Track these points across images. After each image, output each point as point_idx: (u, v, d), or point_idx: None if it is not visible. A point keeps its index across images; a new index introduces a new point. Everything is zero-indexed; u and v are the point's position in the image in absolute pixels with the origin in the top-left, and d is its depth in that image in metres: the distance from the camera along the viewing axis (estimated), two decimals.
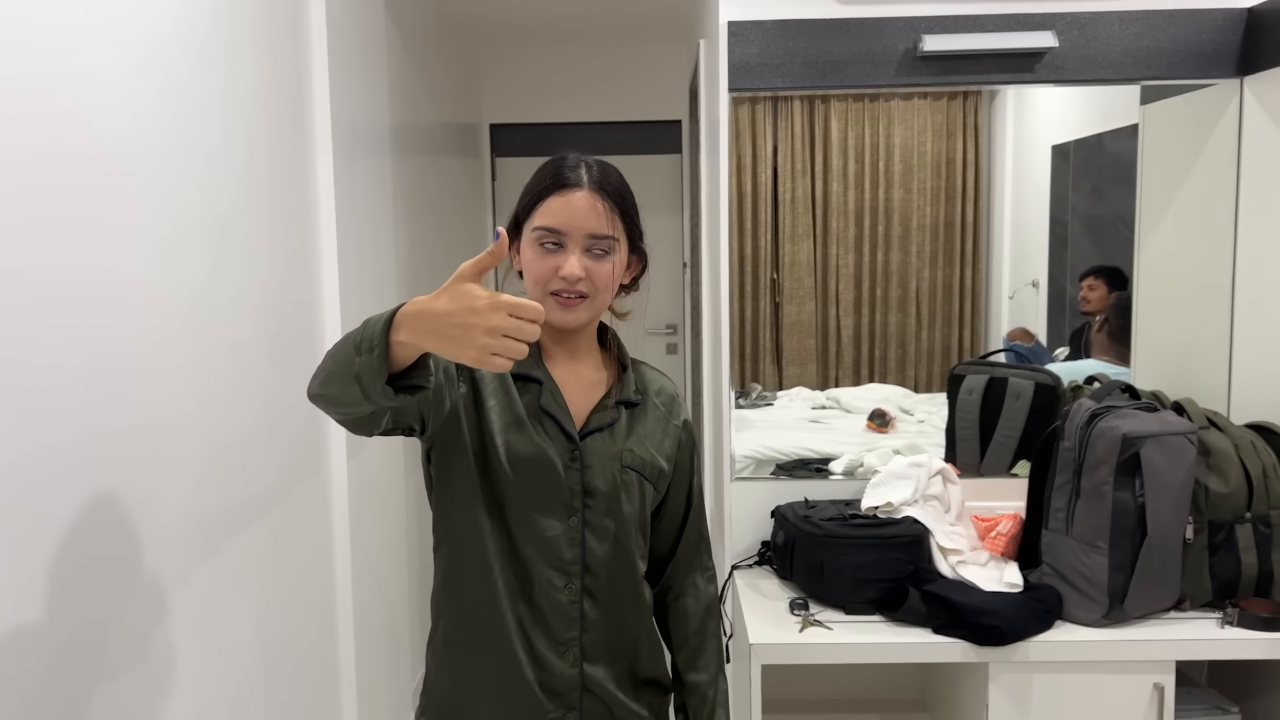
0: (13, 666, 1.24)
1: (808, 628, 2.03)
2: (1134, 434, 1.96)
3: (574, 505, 1.39)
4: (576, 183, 1.36)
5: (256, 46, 2.01)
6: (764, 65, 2.35)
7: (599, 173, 1.39)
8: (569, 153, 1.42)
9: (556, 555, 1.39)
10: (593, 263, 1.37)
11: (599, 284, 1.37)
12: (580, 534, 1.40)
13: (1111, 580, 1.98)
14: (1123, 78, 2.35)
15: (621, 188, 1.41)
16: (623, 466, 1.42)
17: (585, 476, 1.40)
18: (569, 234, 1.35)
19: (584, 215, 1.35)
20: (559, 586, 1.39)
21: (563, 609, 1.39)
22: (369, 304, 2.63)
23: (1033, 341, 2.75)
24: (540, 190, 1.38)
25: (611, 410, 1.44)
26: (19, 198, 1.26)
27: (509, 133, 4.98)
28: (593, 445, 1.41)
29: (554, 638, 1.39)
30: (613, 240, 1.38)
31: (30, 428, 1.28)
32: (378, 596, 2.71)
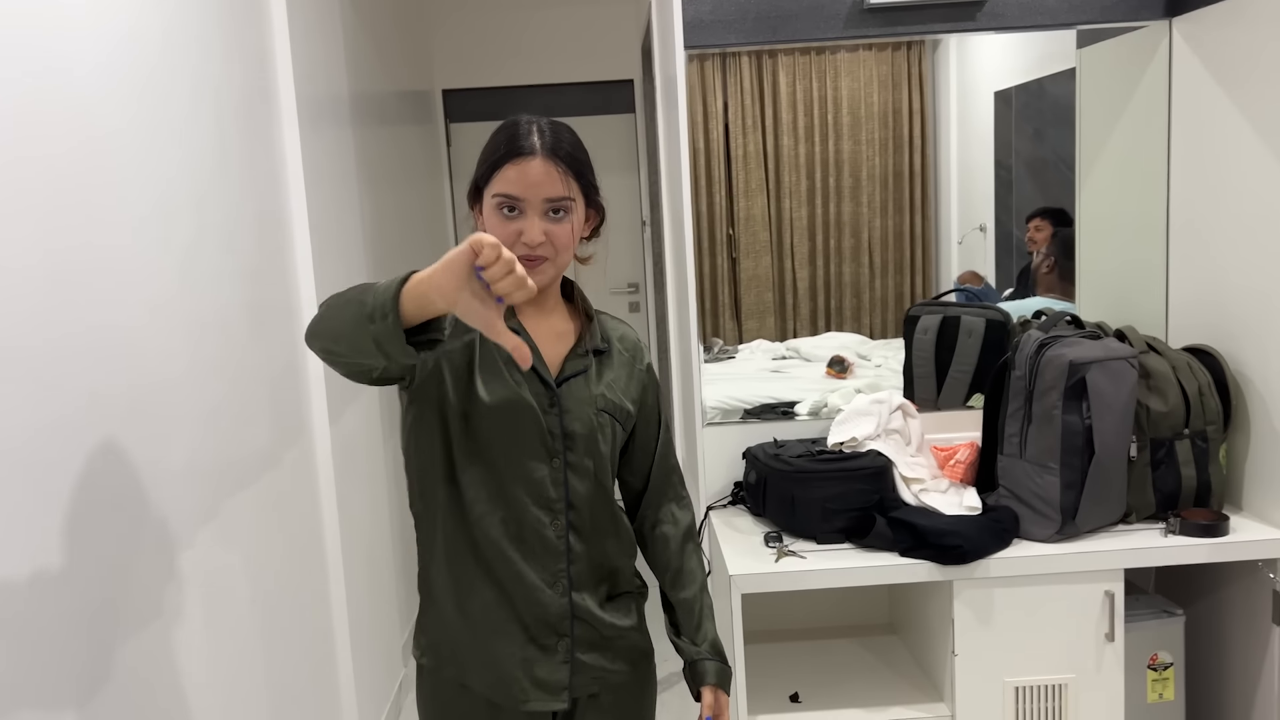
0: (32, 633, 1.31)
1: (783, 558, 2.14)
2: (1080, 360, 2.09)
3: (555, 448, 1.49)
4: (530, 150, 1.42)
5: (221, 21, 2.04)
6: (717, 22, 2.42)
7: (551, 137, 1.45)
8: (521, 116, 1.48)
9: (543, 495, 1.48)
10: (552, 225, 1.43)
11: (559, 244, 1.45)
12: (564, 474, 1.50)
13: (1063, 498, 2.11)
14: (1059, 23, 2.46)
15: (574, 149, 1.48)
16: (598, 410, 1.52)
17: (564, 421, 1.49)
18: (526, 200, 1.42)
19: (539, 181, 1.42)
20: (546, 523, 1.49)
21: (550, 544, 1.49)
22: (341, 272, 2.68)
23: (982, 284, 2.86)
24: (496, 159, 1.44)
25: (584, 358, 1.53)
26: (9, 184, 1.31)
27: (462, 98, 4.99)
28: (569, 391, 1.50)
29: (544, 570, 1.49)
30: (569, 201, 1.45)
31: (36, 400, 1.34)
32: (363, 556, 2.79)
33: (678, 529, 1.67)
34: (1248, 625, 2.24)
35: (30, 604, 1.29)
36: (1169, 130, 2.48)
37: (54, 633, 1.33)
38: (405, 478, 1.56)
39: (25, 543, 1.29)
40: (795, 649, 2.55)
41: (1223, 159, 2.28)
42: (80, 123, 1.48)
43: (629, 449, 1.63)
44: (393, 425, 3.33)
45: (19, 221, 1.31)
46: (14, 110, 1.32)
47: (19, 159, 1.32)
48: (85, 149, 1.48)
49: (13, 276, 1.29)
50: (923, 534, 2.10)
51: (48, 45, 1.40)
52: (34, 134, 1.36)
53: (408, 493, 1.57)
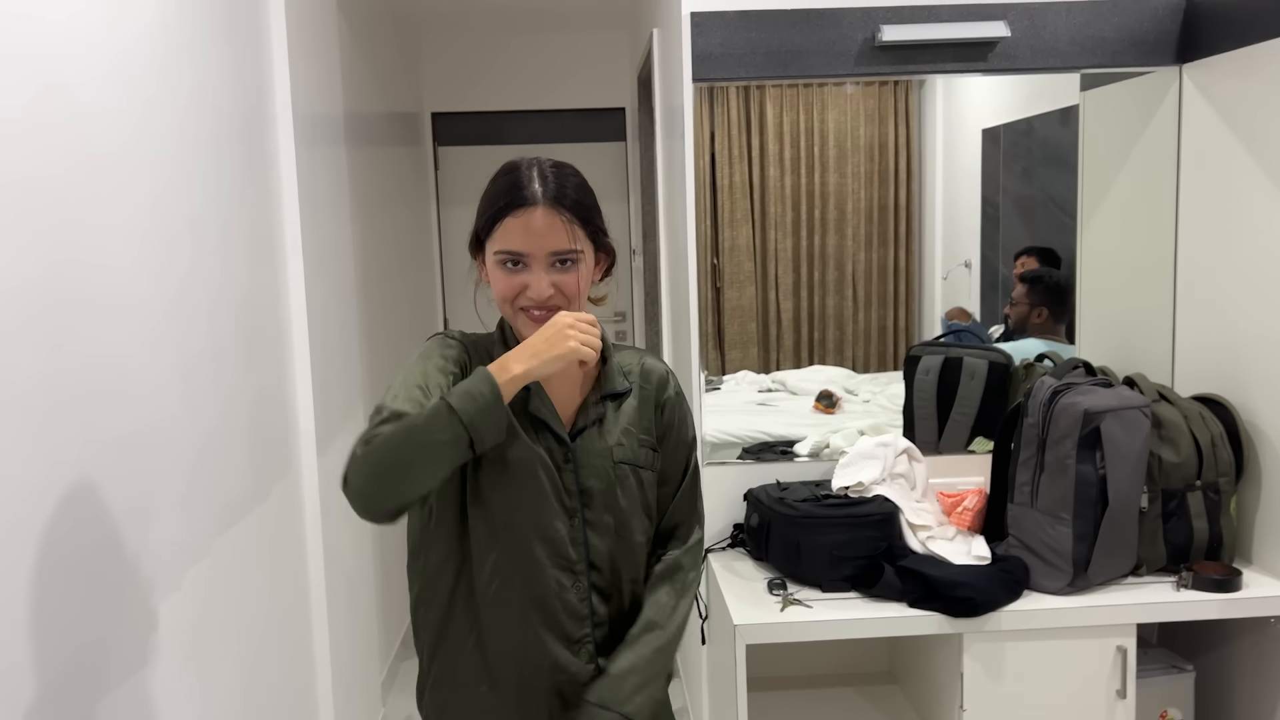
0: (18, 679, 1.22)
1: (788, 606, 2.08)
2: (1095, 409, 2.05)
3: (573, 506, 1.40)
4: (532, 200, 1.34)
5: (219, 43, 1.97)
6: (727, 55, 2.38)
7: (555, 183, 1.36)
8: (521, 160, 1.39)
9: (563, 556, 1.39)
10: (559, 276, 1.36)
11: (569, 294, 1.37)
12: (583, 533, 1.40)
13: (1075, 549, 2.07)
14: (1070, 66, 2.44)
15: (579, 193, 1.39)
16: (615, 463, 1.42)
17: (580, 476, 1.40)
18: (531, 254, 1.34)
19: (543, 234, 1.33)
20: (567, 586, 1.40)
21: (573, 608, 1.40)
22: (331, 299, 2.60)
23: (970, 320, 2.84)
24: (495, 210, 1.36)
25: (597, 406, 1.44)
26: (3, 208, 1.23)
27: (451, 121, 4.92)
28: (583, 444, 1.41)
29: (568, 638, 1.40)
30: (577, 253, 1.37)
31: (26, 437, 1.25)
32: (346, 593, 2.69)
33: (665, 569, 1.48)
34: (1259, 682, 2.20)
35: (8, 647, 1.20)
36: (1178, 175, 2.46)
37: (33, 677, 1.24)
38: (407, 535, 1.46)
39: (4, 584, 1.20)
40: (792, 698, 2.48)
41: (1232, 205, 2.26)
42: (74, 142, 1.40)
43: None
44: None
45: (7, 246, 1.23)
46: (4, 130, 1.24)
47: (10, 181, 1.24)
48: (81, 170, 1.41)
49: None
50: (933, 584, 2.04)
51: (41, 61, 1.33)
52: (25, 154, 1.28)
53: (408, 554, 1.47)
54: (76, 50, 1.41)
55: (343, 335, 2.73)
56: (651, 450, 1.47)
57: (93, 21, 1.46)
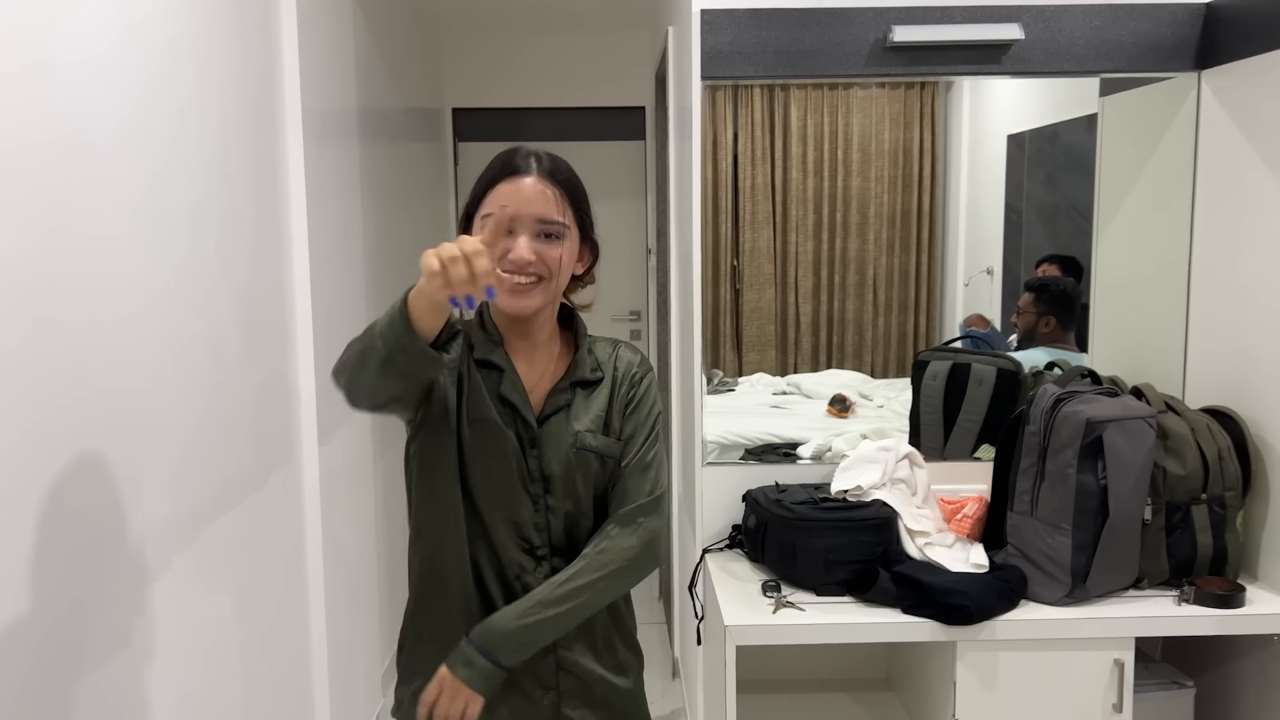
0: None
1: (781, 609, 2.06)
2: (1097, 418, 2.01)
3: (535, 491, 1.42)
4: (525, 170, 1.37)
5: (228, 33, 1.98)
6: (736, 54, 2.36)
7: (549, 163, 1.39)
8: (521, 144, 1.42)
9: (525, 539, 1.42)
10: (543, 246, 1.37)
11: (551, 266, 1.37)
12: (545, 518, 1.43)
13: (1074, 560, 2.04)
14: (1085, 70, 2.41)
15: (572, 178, 1.42)
16: (577, 449, 1.43)
17: (543, 461, 1.42)
18: (518, 218, 1.35)
19: (532, 200, 1.35)
20: (529, 569, 1.42)
21: (531, 590, 1.41)
22: (339, 291, 2.61)
23: (988, 327, 2.81)
24: (489, 179, 1.39)
25: (566, 392, 1.45)
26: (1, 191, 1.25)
27: (471, 117, 4.94)
28: (549, 429, 1.43)
29: None
30: (563, 226, 1.38)
31: (7, 418, 1.26)
32: (347, 582, 2.70)
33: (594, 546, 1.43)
34: (1261, 700, 2.16)
35: None
36: (1194, 183, 2.42)
37: (8, 664, 1.25)
38: (405, 511, 1.50)
39: None
40: (786, 702, 2.46)
41: (1249, 215, 2.22)
42: (68, 121, 1.41)
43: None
44: (384, 447, 3.25)
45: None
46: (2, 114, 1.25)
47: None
48: (73, 151, 1.42)
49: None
50: (928, 591, 2.02)
51: (35, 37, 1.34)
52: (16, 132, 1.29)
53: (409, 532, 1.50)
54: (73, 28, 1.42)
55: (350, 326, 2.74)
56: (614, 440, 1.47)
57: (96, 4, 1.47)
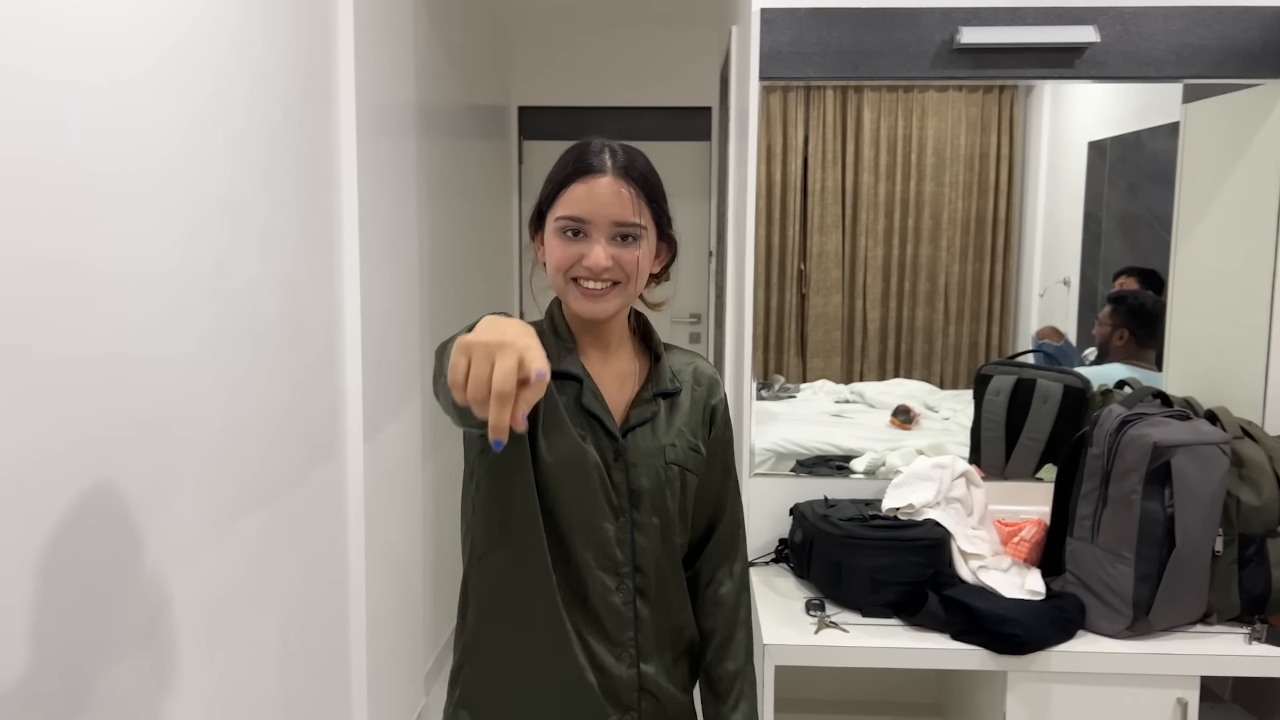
0: (24, 646, 1.24)
1: (823, 629, 1.99)
2: (1165, 443, 1.91)
3: (621, 505, 1.36)
4: (600, 168, 1.30)
5: (281, 23, 1.98)
6: (796, 54, 2.30)
7: (624, 158, 1.32)
8: (593, 138, 1.35)
9: (609, 557, 1.35)
10: (620, 250, 1.30)
11: (628, 271, 1.31)
12: (630, 534, 1.36)
13: (1137, 591, 1.93)
14: (1165, 75, 2.29)
15: (648, 173, 1.34)
16: (666, 463, 1.38)
17: (630, 476, 1.36)
18: (593, 222, 1.29)
19: (608, 202, 1.29)
20: (612, 589, 1.36)
21: (617, 611, 1.37)
22: (389, 287, 2.61)
23: (1062, 340, 2.70)
24: (563, 177, 1.32)
25: (651, 404, 1.39)
26: (40, 173, 1.25)
27: (537, 115, 4.94)
28: (635, 442, 1.37)
29: (610, 640, 1.37)
30: (639, 227, 1.31)
31: (47, 408, 1.27)
32: (391, 581, 2.70)
33: (734, 595, 1.48)
34: None
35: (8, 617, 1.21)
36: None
37: (30, 649, 1.25)
38: (460, 535, 1.43)
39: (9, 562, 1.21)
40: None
41: None
42: (110, 106, 1.41)
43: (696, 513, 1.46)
44: (434, 446, 3.25)
45: (35, 216, 1.24)
46: (40, 97, 1.25)
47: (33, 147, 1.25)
48: (115, 138, 1.42)
49: (17, 276, 1.22)
50: (978, 617, 1.93)
51: (80, 20, 1.34)
52: (56, 115, 1.29)
53: (463, 555, 1.43)
54: (122, 10, 1.43)
55: (402, 324, 2.74)
56: (697, 454, 1.42)
57: None
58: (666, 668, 1.43)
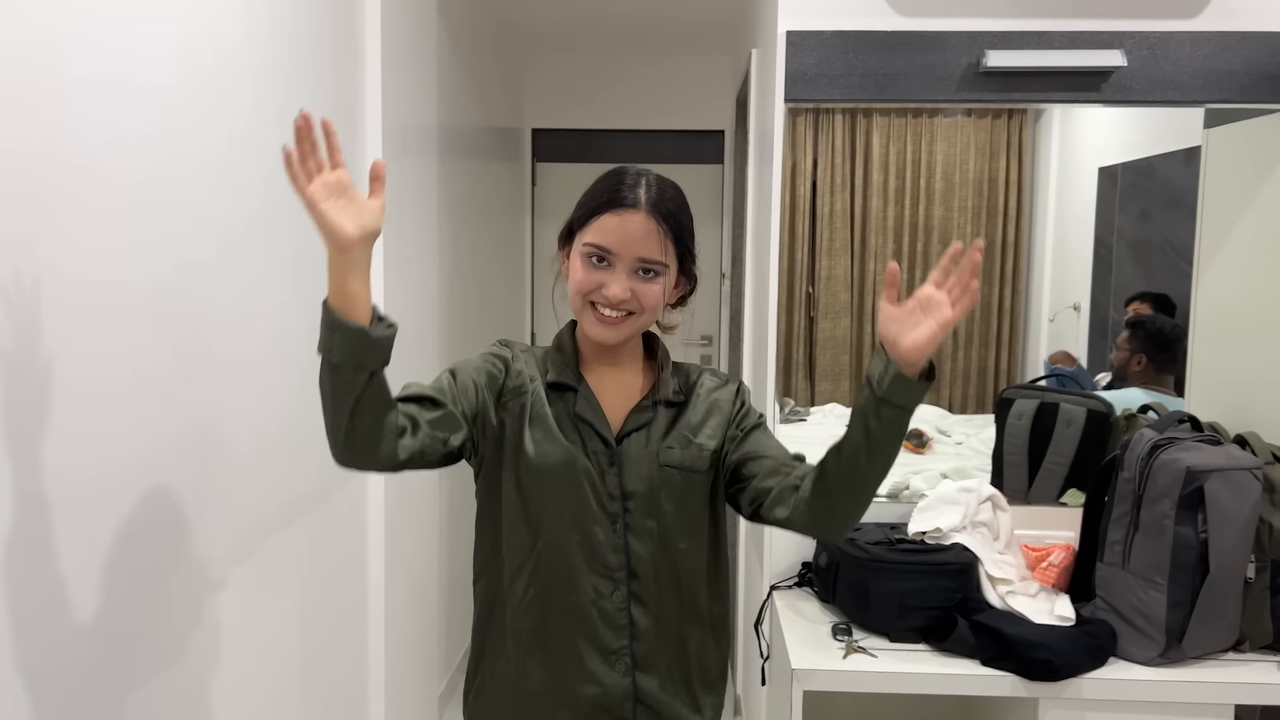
0: (56, 663, 1.22)
1: (851, 654, 1.97)
2: (1198, 467, 1.89)
3: (614, 510, 1.37)
4: (634, 203, 1.33)
5: (314, 47, 1.99)
6: (821, 76, 2.30)
7: (657, 193, 1.35)
8: (631, 166, 1.39)
9: (601, 562, 1.36)
10: (640, 284, 1.34)
11: (646, 305, 1.35)
12: (624, 538, 1.37)
13: (1170, 618, 1.91)
14: (1191, 100, 2.29)
15: (678, 210, 1.38)
16: (661, 465, 1.38)
17: (623, 479, 1.37)
18: (619, 254, 1.33)
19: (636, 238, 1.33)
20: (605, 594, 1.37)
21: (610, 617, 1.37)
22: (412, 303, 2.60)
23: (1075, 365, 2.69)
24: (597, 205, 1.35)
25: (648, 410, 1.41)
26: (77, 191, 1.24)
27: (551, 138, 4.95)
28: (628, 446, 1.39)
29: (603, 648, 1.37)
30: (663, 265, 1.35)
31: (75, 421, 1.26)
32: (408, 604, 2.68)
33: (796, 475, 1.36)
34: None
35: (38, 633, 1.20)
36: None
37: (60, 666, 1.24)
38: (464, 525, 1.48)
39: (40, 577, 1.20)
40: None
41: None
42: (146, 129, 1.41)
43: (747, 468, 1.40)
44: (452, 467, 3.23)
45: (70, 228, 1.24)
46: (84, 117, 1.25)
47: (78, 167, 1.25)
48: (149, 157, 1.42)
49: (52, 286, 1.21)
50: (1009, 643, 1.91)
51: (119, 46, 1.34)
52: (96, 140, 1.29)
53: (473, 567, 1.47)
54: (157, 38, 1.43)
55: (420, 342, 2.74)
56: (705, 457, 1.41)
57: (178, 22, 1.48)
58: (672, 683, 1.41)
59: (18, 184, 1.14)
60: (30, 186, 1.16)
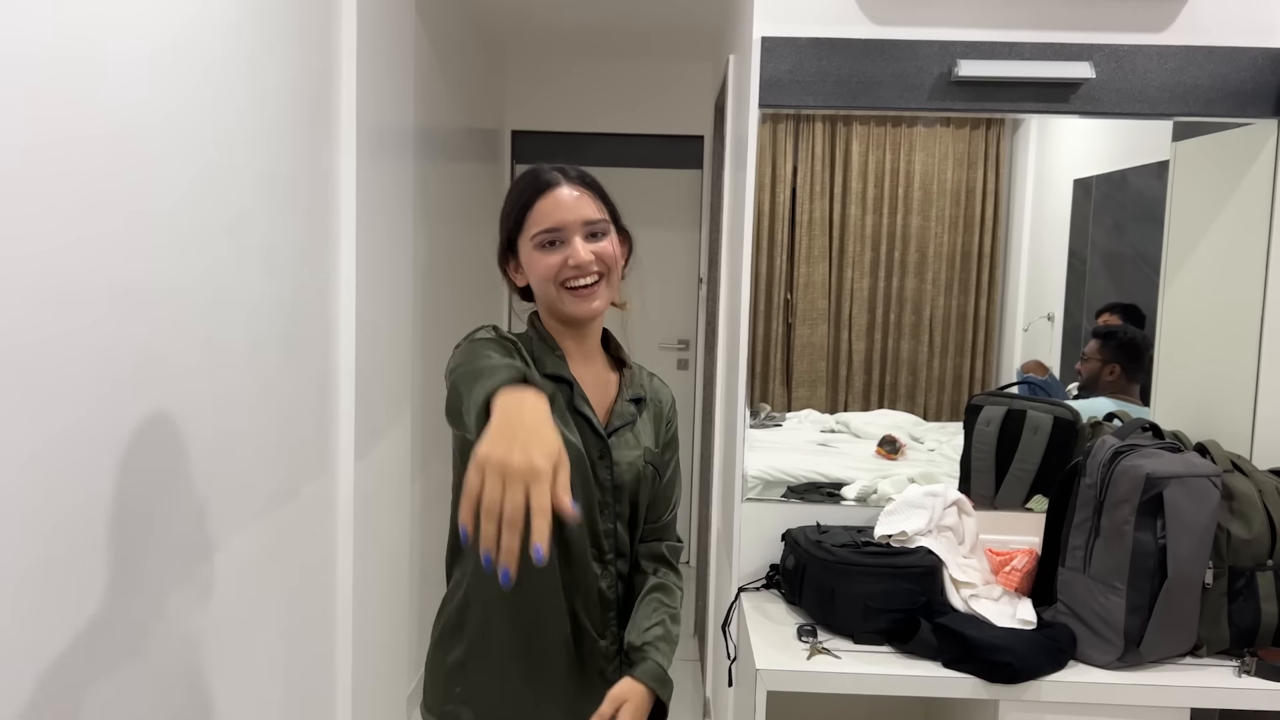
0: (12, 663, 1.22)
1: (815, 655, 1.99)
2: (1158, 474, 1.92)
3: (605, 500, 1.50)
4: (556, 182, 1.45)
5: (286, 42, 1.99)
6: (795, 83, 2.32)
7: (574, 171, 1.49)
8: (537, 164, 1.52)
9: (596, 546, 1.50)
10: (596, 245, 1.45)
11: (608, 262, 1.46)
12: (614, 525, 1.52)
13: (1128, 622, 1.94)
14: (1158, 112, 2.32)
15: (594, 180, 1.51)
16: (645, 462, 1.54)
17: (615, 472, 1.50)
18: (567, 227, 1.43)
19: (575, 206, 1.44)
20: (598, 574, 1.51)
21: (603, 595, 1.53)
22: (384, 305, 2.60)
23: (1046, 374, 2.72)
24: (524, 201, 1.46)
25: (630, 407, 1.56)
26: (39, 182, 1.24)
27: (531, 140, 4.96)
28: (619, 442, 1.52)
29: (596, 621, 1.53)
30: (605, 222, 1.47)
31: (38, 416, 1.25)
32: (377, 602, 2.68)
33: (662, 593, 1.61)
34: None
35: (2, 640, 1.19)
36: (1269, 235, 2.32)
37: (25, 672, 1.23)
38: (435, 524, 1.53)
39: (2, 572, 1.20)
40: None
41: None
42: (115, 119, 1.41)
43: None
44: (423, 466, 3.23)
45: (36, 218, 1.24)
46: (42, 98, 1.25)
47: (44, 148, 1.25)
48: (119, 148, 1.42)
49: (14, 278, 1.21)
50: (971, 645, 1.93)
51: (88, 33, 1.34)
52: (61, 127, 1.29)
53: (448, 549, 1.60)
54: (128, 27, 1.43)
55: (394, 341, 2.74)
56: (665, 460, 1.61)
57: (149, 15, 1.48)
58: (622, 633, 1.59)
59: None
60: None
